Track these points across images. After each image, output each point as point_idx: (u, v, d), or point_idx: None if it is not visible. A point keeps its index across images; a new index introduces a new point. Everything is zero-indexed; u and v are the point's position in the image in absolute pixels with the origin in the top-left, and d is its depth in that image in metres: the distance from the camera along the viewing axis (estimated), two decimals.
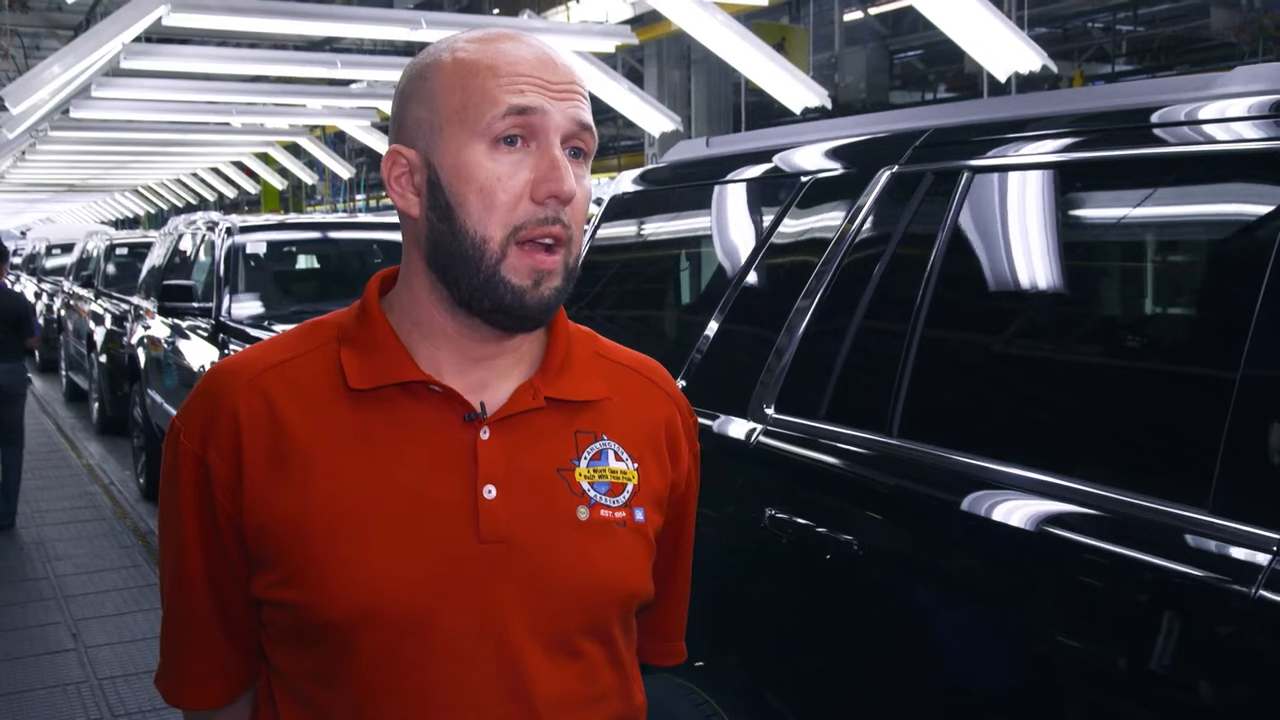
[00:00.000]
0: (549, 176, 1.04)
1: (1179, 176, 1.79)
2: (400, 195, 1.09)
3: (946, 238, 2.02)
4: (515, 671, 1.05)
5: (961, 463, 1.80)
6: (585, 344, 1.18)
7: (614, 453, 1.13)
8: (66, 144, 16.21)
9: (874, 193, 2.20)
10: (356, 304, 1.15)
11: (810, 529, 2.00)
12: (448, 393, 1.07)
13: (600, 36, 9.18)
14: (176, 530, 1.11)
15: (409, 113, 1.08)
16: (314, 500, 1.04)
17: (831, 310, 2.18)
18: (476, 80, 1.04)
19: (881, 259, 2.12)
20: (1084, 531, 1.58)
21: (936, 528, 1.84)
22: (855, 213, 2.22)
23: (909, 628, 1.85)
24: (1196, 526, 1.45)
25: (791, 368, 2.21)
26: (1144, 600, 1.50)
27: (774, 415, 2.20)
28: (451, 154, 1.04)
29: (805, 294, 2.24)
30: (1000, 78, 7.14)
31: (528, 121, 1.04)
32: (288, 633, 1.08)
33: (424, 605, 1.03)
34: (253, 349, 1.14)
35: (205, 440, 1.08)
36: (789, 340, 2.23)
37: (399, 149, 1.08)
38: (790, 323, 2.24)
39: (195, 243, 7.53)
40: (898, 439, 1.95)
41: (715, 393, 2.39)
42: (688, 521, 1.27)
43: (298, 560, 1.04)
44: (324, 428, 1.07)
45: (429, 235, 1.07)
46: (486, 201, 1.03)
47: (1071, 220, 2.00)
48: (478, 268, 1.04)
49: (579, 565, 1.08)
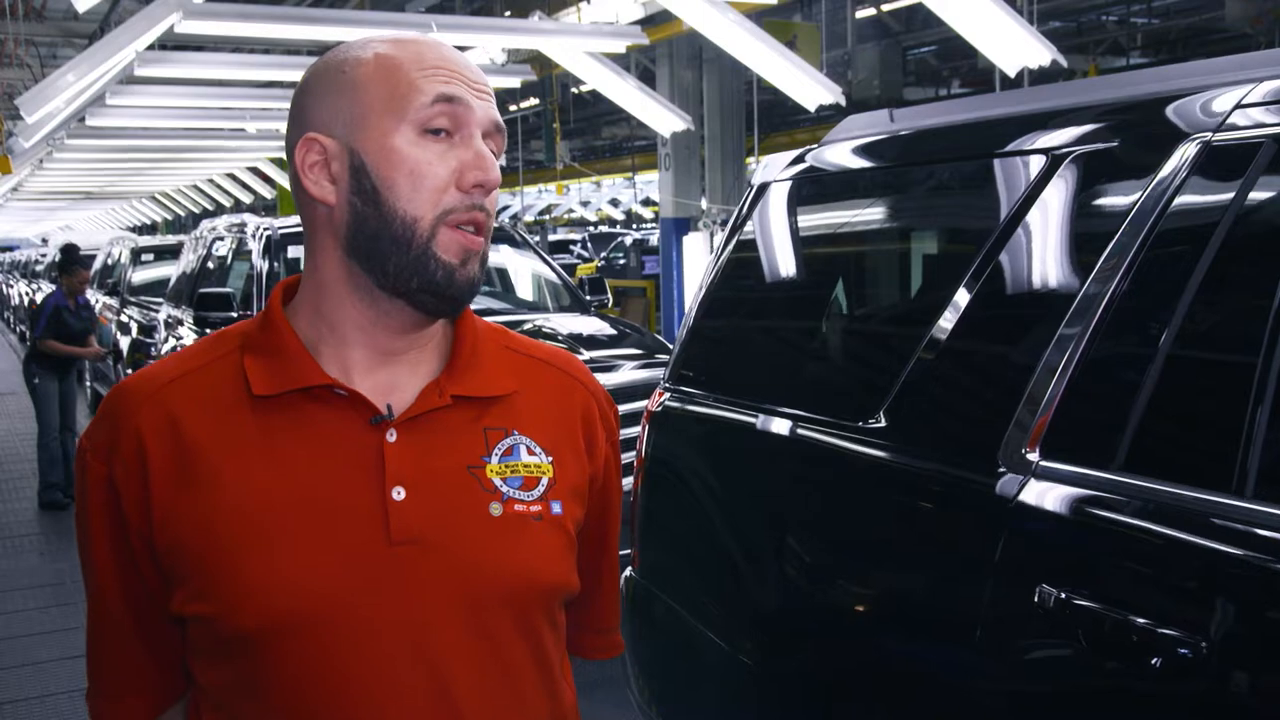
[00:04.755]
0: (476, 165, 1.06)
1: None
2: (315, 183, 1.08)
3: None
4: (437, 674, 1.04)
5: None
6: (493, 339, 1.18)
7: (526, 447, 1.12)
8: (83, 151, 16.34)
9: (1177, 169, 1.70)
10: (261, 313, 1.14)
11: (1124, 620, 1.49)
12: (353, 396, 1.07)
13: (611, 37, 9.17)
14: (90, 550, 1.11)
15: (324, 103, 1.08)
16: (221, 511, 1.04)
17: (1129, 322, 1.68)
18: (403, 72, 1.06)
19: (1202, 255, 1.61)
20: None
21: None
22: (1151, 196, 1.72)
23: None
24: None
25: (1066, 398, 1.70)
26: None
27: (1042, 463, 1.69)
28: (377, 140, 1.05)
29: (1082, 301, 1.72)
30: (1010, 73, 7.11)
31: (453, 111, 1.06)
32: (205, 646, 1.07)
33: (337, 611, 1.02)
34: (156, 364, 1.14)
35: (111, 459, 1.07)
36: (1060, 361, 1.71)
37: (314, 136, 1.07)
38: (1060, 339, 1.72)
39: (229, 247, 7.40)
40: (1254, 500, 1.42)
41: (939, 431, 1.94)
42: (611, 513, 1.27)
43: (209, 573, 1.03)
44: (229, 437, 1.06)
45: (350, 221, 1.07)
46: (415, 184, 1.05)
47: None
48: (408, 246, 1.05)
49: (495, 561, 1.07)
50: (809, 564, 2.20)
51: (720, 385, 2.57)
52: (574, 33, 9.15)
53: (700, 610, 2.50)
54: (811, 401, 2.27)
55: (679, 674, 2.61)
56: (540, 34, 9.05)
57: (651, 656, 2.72)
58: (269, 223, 6.90)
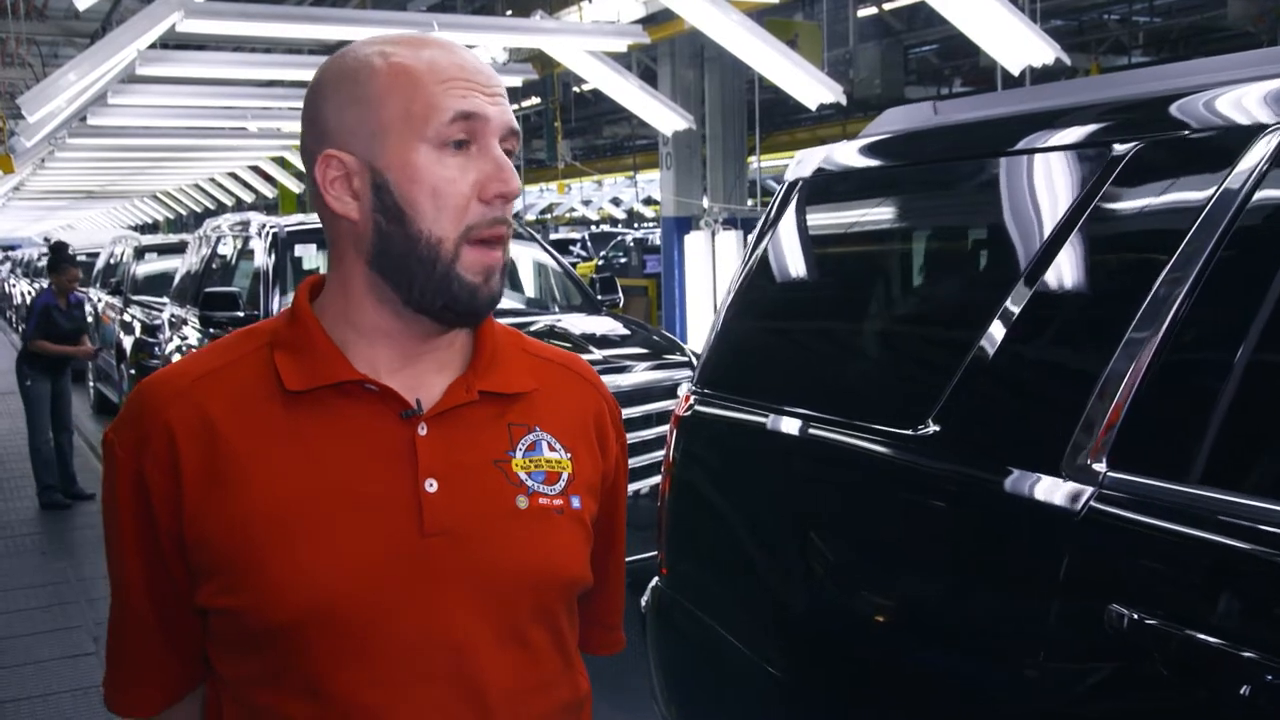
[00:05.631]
0: (497, 177, 1.07)
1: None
2: (337, 199, 1.08)
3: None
4: (464, 661, 1.06)
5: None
6: (511, 341, 1.21)
7: (547, 443, 1.15)
8: (85, 151, 16.36)
9: (1258, 162, 1.59)
10: (286, 310, 1.15)
11: (1206, 644, 1.39)
12: (384, 391, 1.08)
13: (613, 36, 9.18)
14: (117, 543, 1.12)
15: (341, 116, 1.07)
16: (254, 506, 1.04)
17: (1204, 325, 1.58)
18: (418, 86, 1.05)
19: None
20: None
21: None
22: (1228, 190, 1.61)
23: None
24: None
25: (1136, 406, 1.59)
26: None
27: (1110, 474, 1.58)
28: (399, 157, 1.05)
29: (1153, 301, 1.62)
30: (1013, 71, 7.11)
31: (471, 126, 1.06)
32: (231, 639, 1.08)
33: (371, 600, 1.04)
34: (185, 359, 1.14)
35: (141, 455, 1.08)
36: (1128, 367, 1.61)
37: (334, 153, 1.07)
38: (1129, 341, 1.62)
39: (234, 246, 7.33)
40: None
41: (995, 436, 1.83)
42: (619, 510, 1.30)
43: (241, 566, 1.04)
44: (260, 432, 1.07)
45: (375, 239, 1.08)
46: (439, 204, 1.05)
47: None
48: (433, 267, 1.06)
49: (522, 553, 1.09)
50: (849, 576, 2.09)
51: (753, 389, 2.46)
52: (575, 31, 9.15)
53: (731, 622, 2.38)
54: (853, 407, 2.15)
55: (705, 685, 2.52)
56: (542, 33, 9.05)
57: (676, 666, 2.62)
58: (275, 221, 6.83)
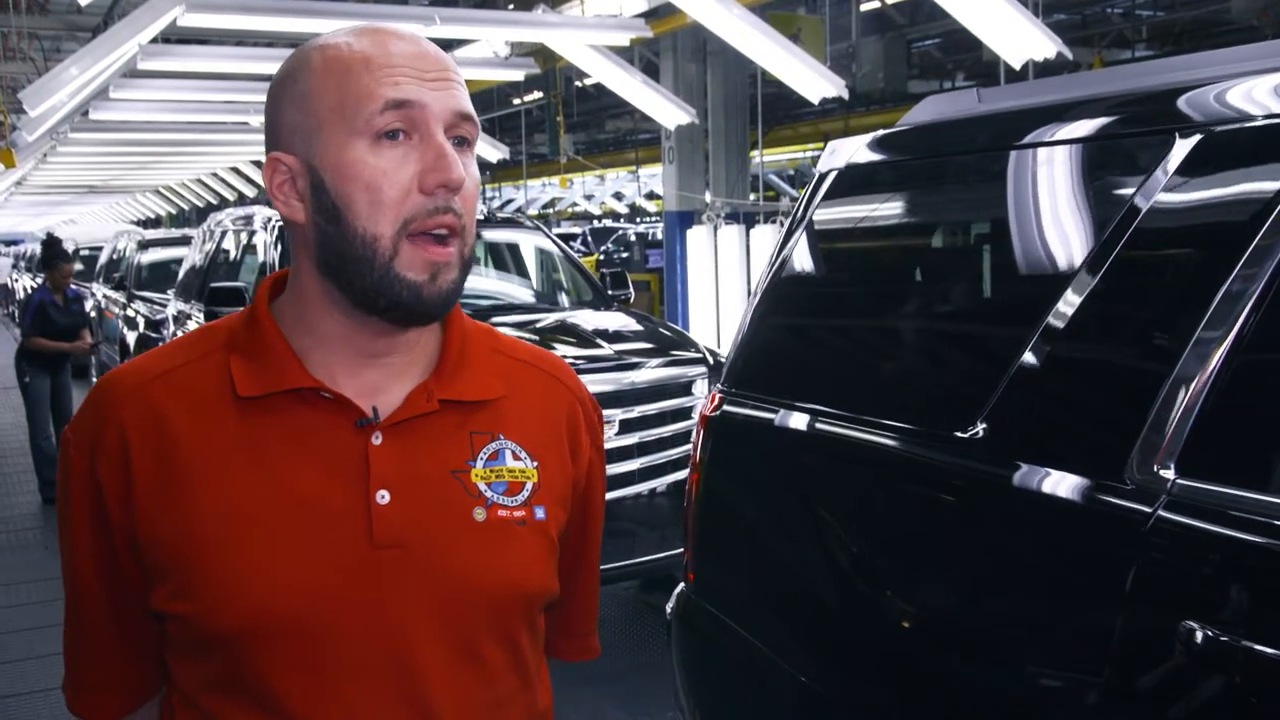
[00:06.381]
0: (436, 166, 1.01)
1: None
2: (284, 203, 1.06)
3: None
4: (413, 676, 1.04)
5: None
6: (482, 341, 1.17)
7: (511, 452, 1.11)
8: (86, 145, 16.33)
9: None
10: (247, 309, 1.12)
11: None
12: (339, 399, 1.06)
13: (615, 30, 9.16)
14: (71, 543, 1.11)
15: (282, 117, 1.06)
16: (204, 511, 1.03)
17: None
18: (349, 77, 1.02)
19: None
20: None
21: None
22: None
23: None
24: None
25: (1207, 410, 1.51)
26: None
27: (1179, 481, 1.50)
28: (333, 155, 1.02)
29: (1224, 299, 1.53)
30: (1015, 65, 7.09)
31: (407, 115, 1.01)
32: (184, 644, 1.07)
33: (318, 612, 1.02)
34: (142, 357, 1.12)
35: (94, 452, 1.06)
36: (1197, 369, 1.53)
37: (278, 156, 1.05)
38: (1198, 341, 1.54)
39: (237, 240, 7.33)
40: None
41: (1049, 439, 1.75)
42: (592, 516, 1.26)
43: (190, 572, 1.03)
44: (213, 437, 1.05)
45: (317, 240, 1.05)
46: (374, 198, 1.01)
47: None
48: (371, 266, 1.02)
49: (478, 567, 1.06)
50: (886, 584, 2.01)
51: (786, 389, 2.36)
52: (578, 25, 9.13)
53: (759, 628, 2.31)
54: (893, 408, 2.07)
55: (731, 693, 2.45)
56: (544, 27, 9.03)
57: (702, 673, 2.55)
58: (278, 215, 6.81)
